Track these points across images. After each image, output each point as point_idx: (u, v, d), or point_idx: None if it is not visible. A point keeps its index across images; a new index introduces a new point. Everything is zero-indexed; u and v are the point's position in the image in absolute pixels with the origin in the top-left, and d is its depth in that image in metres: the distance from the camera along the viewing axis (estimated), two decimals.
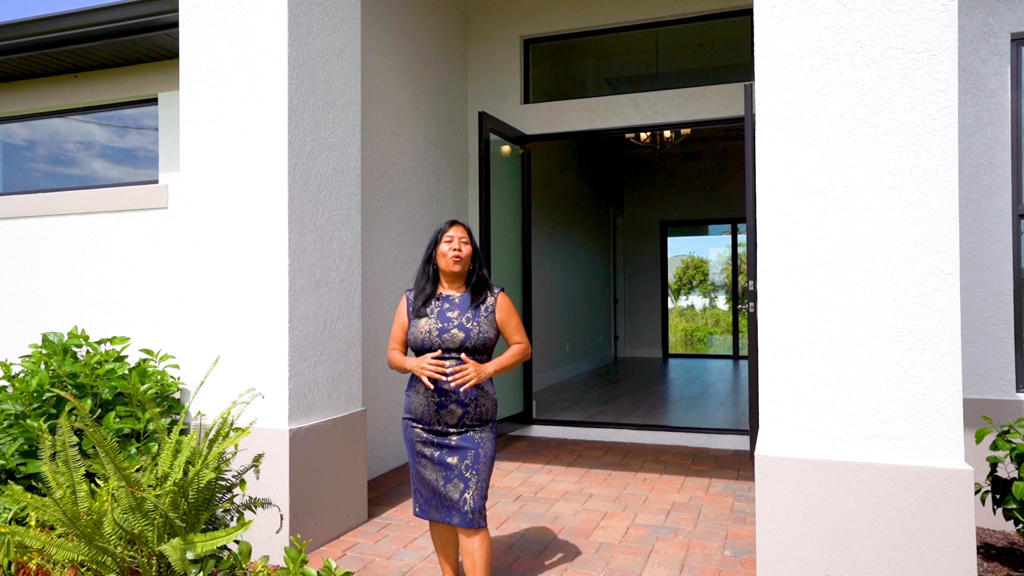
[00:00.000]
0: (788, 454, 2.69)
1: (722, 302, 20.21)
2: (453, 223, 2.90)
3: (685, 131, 8.45)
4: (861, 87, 2.61)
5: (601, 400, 7.89)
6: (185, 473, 2.48)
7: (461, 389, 2.69)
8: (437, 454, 2.80)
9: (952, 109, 2.49)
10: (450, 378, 2.69)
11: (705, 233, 15.86)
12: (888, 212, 2.57)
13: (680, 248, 19.48)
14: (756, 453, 2.74)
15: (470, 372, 2.68)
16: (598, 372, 10.61)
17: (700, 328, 18.47)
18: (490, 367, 2.77)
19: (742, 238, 13.21)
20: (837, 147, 2.65)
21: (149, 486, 2.46)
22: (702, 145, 11.97)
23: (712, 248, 20.47)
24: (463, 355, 2.74)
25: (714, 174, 12.36)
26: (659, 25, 6.23)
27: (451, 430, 2.80)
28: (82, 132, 5.29)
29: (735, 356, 12.88)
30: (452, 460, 2.78)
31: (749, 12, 5.86)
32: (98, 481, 2.70)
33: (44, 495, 2.50)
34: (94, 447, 2.73)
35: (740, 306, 5.18)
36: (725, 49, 7.07)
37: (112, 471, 2.37)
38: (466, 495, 2.74)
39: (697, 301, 20.79)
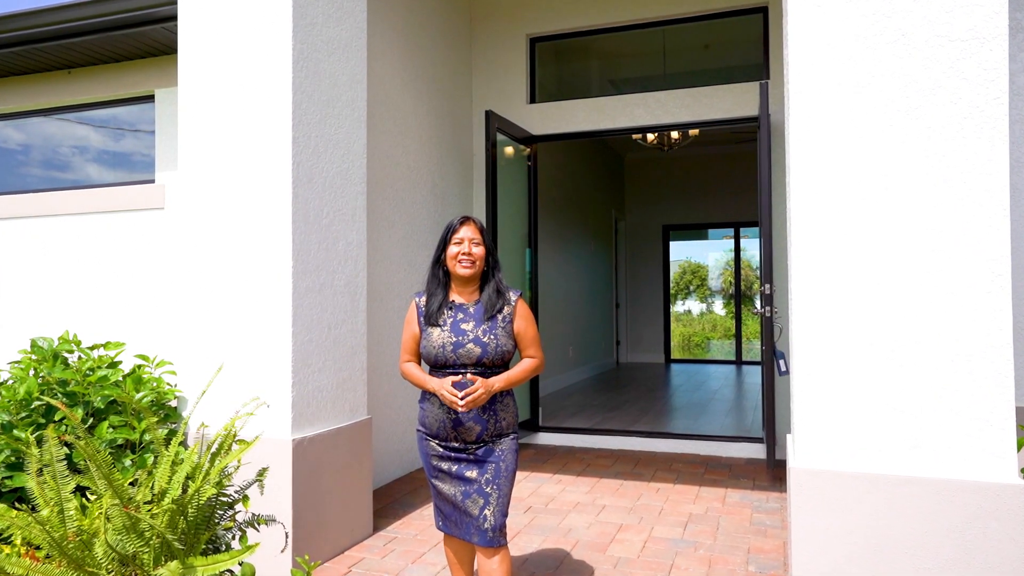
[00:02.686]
0: (826, 467, 2.53)
1: (719, 307, 20.08)
2: (465, 220, 2.67)
3: (693, 132, 8.31)
4: (903, 77, 2.47)
5: (607, 406, 7.73)
6: (184, 489, 2.30)
7: (465, 411, 2.52)
8: (455, 468, 2.63)
9: (1003, 100, 2.34)
10: (462, 403, 2.49)
11: (704, 237, 15.73)
12: (933, 209, 2.42)
13: (677, 253, 19.37)
14: (791, 465, 2.59)
15: (480, 392, 2.49)
16: (601, 378, 10.45)
17: (697, 333, 18.34)
18: (497, 383, 2.56)
19: (745, 242, 13.07)
20: (876, 141, 2.50)
21: (145, 502, 2.29)
22: (706, 148, 11.84)
23: (710, 253, 20.35)
24: (469, 374, 2.55)
25: (717, 177, 12.23)
26: (667, 23, 6.09)
27: (469, 445, 2.63)
28: (77, 136, 5.11)
29: (738, 361, 12.73)
30: (471, 474, 2.61)
31: (760, 10, 5.73)
32: (89, 496, 2.53)
33: (34, 510, 2.33)
34: (86, 460, 2.56)
35: (755, 311, 5.02)
36: (733, 50, 6.93)
37: (104, 487, 2.20)
38: (486, 511, 2.57)
39: (694, 306, 20.66)
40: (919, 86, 2.44)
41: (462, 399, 2.48)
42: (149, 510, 2.24)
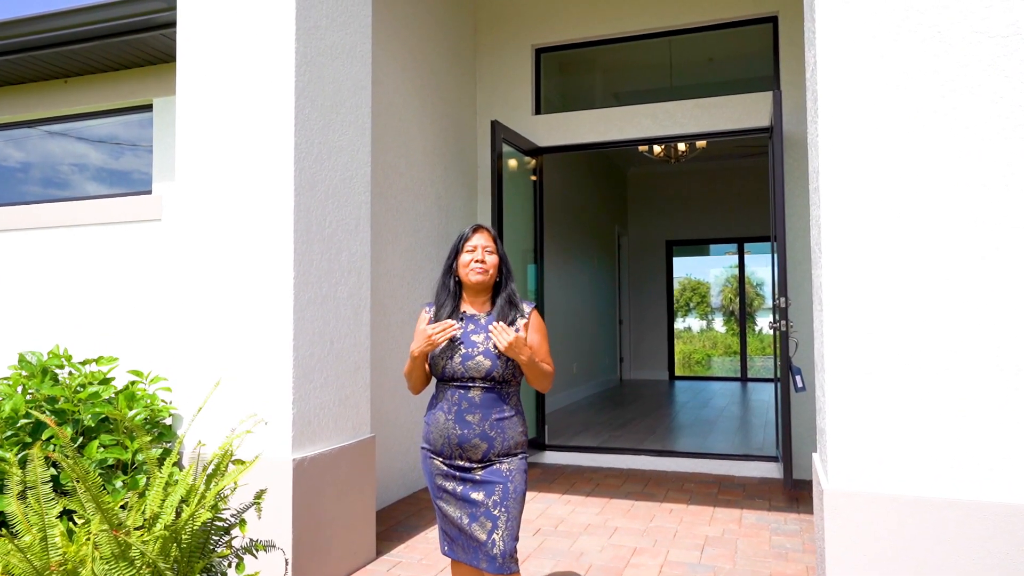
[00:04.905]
0: (863, 489, 2.37)
1: (719, 324, 19.93)
2: (477, 228, 2.58)
3: (701, 144, 8.22)
4: (938, 76, 2.34)
5: (614, 424, 7.55)
6: (178, 513, 2.14)
7: (498, 336, 2.35)
8: (460, 488, 2.48)
9: None
10: (492, 328, 2.37)
11: (706, 254, 15.64)
12: (977, 216, 2.29)
13: (679, 269, 19.31)
14: (824, 488, 2.43)
15: (512, 338, 2.34)
16: (605, 395, 10.28)
17: (698, 350, 18.20)
18: (524, 354, 2.40)
19: (749, 258, 12.96)
20: (910, 144, 2.37)
21: (135, 528, 2.13)
22: (709, 163, 11.75)
23: (711, 269, 20.24)
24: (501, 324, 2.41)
25: (721, 192, 12.13)
26: (675, 34, 6.00)
27: (475, 464, 2.48)
28: (76, 154, 4.98)
29: (743, 378, 12.56)
30: (477, 496, 2.45)
31: (770, 20, 5.65)
32: (76, 520, 2.37)
33: (16, 536, 2.16)
34: (74, 481, 2.39)
35: (770, 324, 4.87)
36: (740, 61, 6.86)
37: (93, 511, 2.04)
38: (494, 536, 2.41)
39: (694, 323, 20.52)
40: (956, 85, 2.32)
41: (491, 327, 2.37)
42: (140, 536, 2.08)
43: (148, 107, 4.77)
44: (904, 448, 2.34)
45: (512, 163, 5.98)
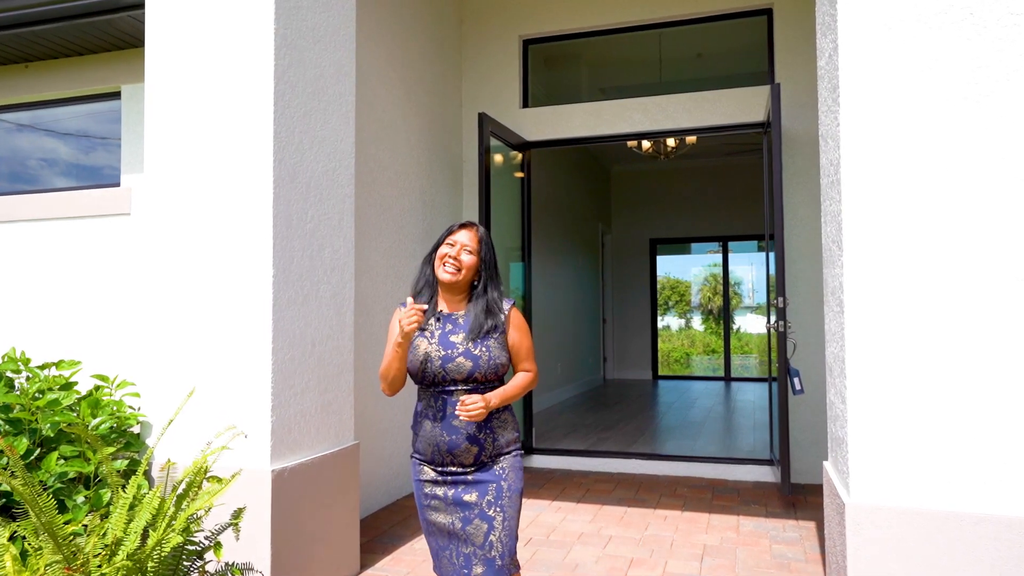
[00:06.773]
0: (888, 503, 2.22)
1: (697, 323, 19.90)
2: (465, 225, 2.42)
3: (691, 140, 8.08)
4: (970, 61, 2.20)
5: (601, 426, 7.39)
6: (144, 537, 1.92)
7: (463, 417, 2.21)
8: (451, 492, 2.31)
9: None
10: (458, 410, 2.21)
11: (689, 252, 15.57)
12: (1011, 212, 2.15)
13: (663, 268, 19.20)
14: (847, 501, 2.27)
15: (480, 404, 2.20)
16: (589, 395, 10.13)
17: (676, 349, 18.14)
18: (494, 399, 2.27)
19: (733, 256, 12.89)
20: (939, 135, 2.22)
21: (95, 555, 1.90)
22: (695, 160, 11.62)
23: (691, 268, 20.18)
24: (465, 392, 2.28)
25: (705, 191, 12.03)
26: (666, 25, 5.85)
27: (467, 468, 2.31)
28: (44, 149, 4.68)
29: (727, 378, 12.50)
30: (470, 497, 2.29)
31: (760, 13, 5.52)
32: (31, 543, 2.13)
33: None
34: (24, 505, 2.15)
35: (769, 324, 4.74)
36: (732, 55, 6.73)
37: (46, 539, 1.81)
38: (492, 537, 2.25)
39: (673, 322, 20.46)
40: (991, 71, 2.17)
41: (458, 408, 2.21)
42: (100, 562, 1.86)
43: (116, 95, 4.49)
44: (933, 460, 2.19)
45: (499, 158, 5.78)
